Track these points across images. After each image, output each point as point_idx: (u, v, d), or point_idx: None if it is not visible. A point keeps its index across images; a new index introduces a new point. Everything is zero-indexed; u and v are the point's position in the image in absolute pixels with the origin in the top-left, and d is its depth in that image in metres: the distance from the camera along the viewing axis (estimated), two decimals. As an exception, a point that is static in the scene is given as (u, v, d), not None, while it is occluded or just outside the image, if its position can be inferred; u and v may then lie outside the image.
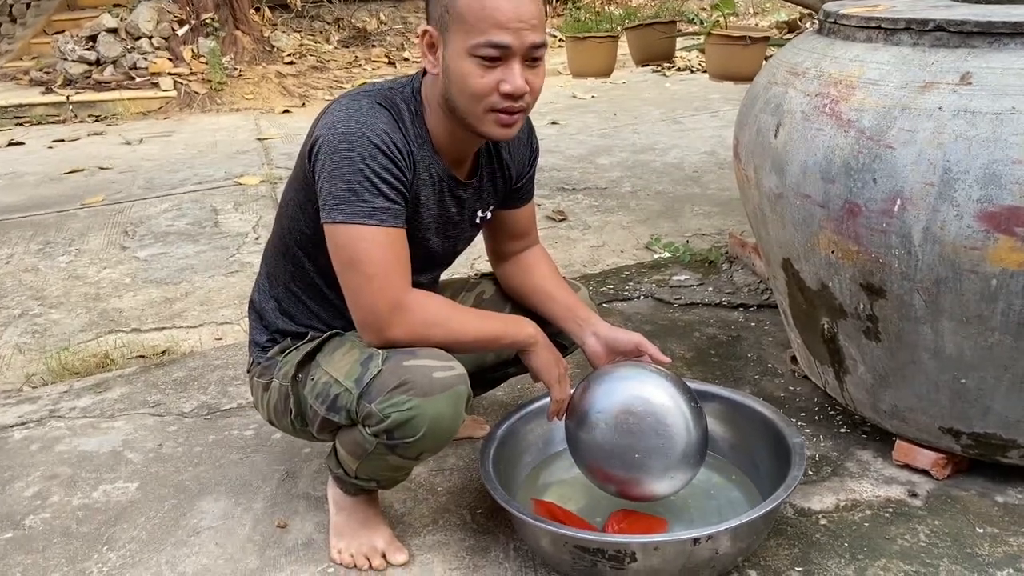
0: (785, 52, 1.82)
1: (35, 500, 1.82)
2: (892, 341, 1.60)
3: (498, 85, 1.35)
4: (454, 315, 1.46)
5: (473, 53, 1.33)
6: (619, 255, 3.15)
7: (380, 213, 1.37)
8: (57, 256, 3.50)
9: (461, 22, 1.33)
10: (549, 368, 1.55)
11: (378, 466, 1.46)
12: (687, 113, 5.56)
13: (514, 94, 1.35)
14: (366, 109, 1.39)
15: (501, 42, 1.32)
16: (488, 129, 1.40)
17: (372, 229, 1.37)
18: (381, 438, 1.39)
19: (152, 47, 7.19)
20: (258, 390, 1.62)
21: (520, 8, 1.33)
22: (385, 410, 1.36)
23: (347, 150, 1.36)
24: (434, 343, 1.42)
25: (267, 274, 1.65)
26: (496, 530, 1.63)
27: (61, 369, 2.44)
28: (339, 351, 1.48)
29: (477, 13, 1.32)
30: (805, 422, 1.95)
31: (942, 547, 1.53)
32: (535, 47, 1.35)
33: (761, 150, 1.71)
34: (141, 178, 4.71)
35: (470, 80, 1.35)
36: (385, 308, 1.38)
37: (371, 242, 1.37)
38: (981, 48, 1.45)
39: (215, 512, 1.75)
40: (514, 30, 1.32)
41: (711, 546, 1.37)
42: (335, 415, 1.43)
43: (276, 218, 1.62)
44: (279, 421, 1.59)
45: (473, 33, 1.32)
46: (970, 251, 1.40)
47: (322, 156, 1.38)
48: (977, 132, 1.38)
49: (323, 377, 1.46)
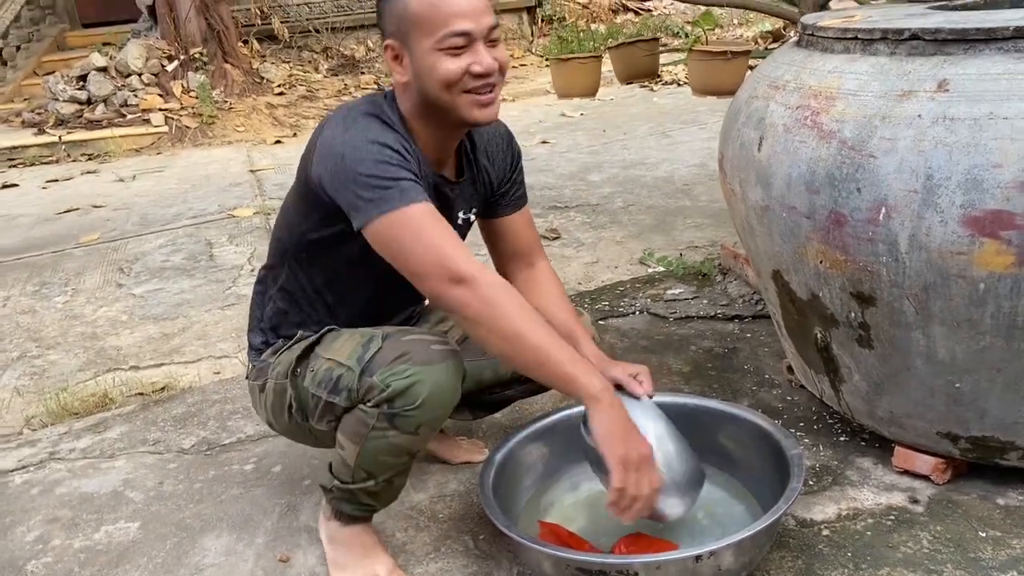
0: (765, 66, 1.84)
1: (37, 544, 1.82)
2: (885, 348, 1.60)
3: (469, 67, 1.42)
4: (525, 309, 1.40)
5: (439, 47, 1.41)
6: (613, 271, 3.16)
7: (409, 194, 1.40)
8: (53, 296, 3.50)
9: (419, 25, 1.42)
10: (612, 440, 1.36)
11: (378, 449, 1.44)
12: (675, 127, 5.59)
13: (486, 73, 1.43)
14: (360, 120, 1.46)
15: (463, 29, 1.41)
16: (469, 112, 1.46)
17: (409, 210, 1.39)
18: (382, 408, 1.40)
19: (142, 84, 7.23)
20: (255, 392, 1.68)
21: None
22: (386, 379, 1.39)
23: (355, 158, 1.41)
24: (496, 328, 1.37)
25: (263, 277, 1.70)
26: (499, 555, 1.63)
27: (60, 410, 2.44)
28: (338, 340, 1.53)
29: (433, 12, 1.41)
30: (804, 432, 1.95)
31: (945, 553, 1.53)
32: (492, 28, 1.45)
33: (745, 164, 1.72)
34: (135, 215, 4.73)
35: (441, 70, 1.42)
36: (444, 278, 1.38)
37: (416, 221, 1.39)
38: (957, 55, 1.46)
39: (217, 549, 1.74)
40: (472, 16, 1.41)
41: (713, 562, 1.37)
42: (336, 397, 1.46)
43: (276, 226, 1.67)
44: (277, 420, 1.63)
45: (435, 29, 1.41)
46: (956, 256, 1.41)
47: (332, 169, 1.43)
48: (957, 138, 1.39)
49: (324, 364, 1.51)
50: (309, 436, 1.62)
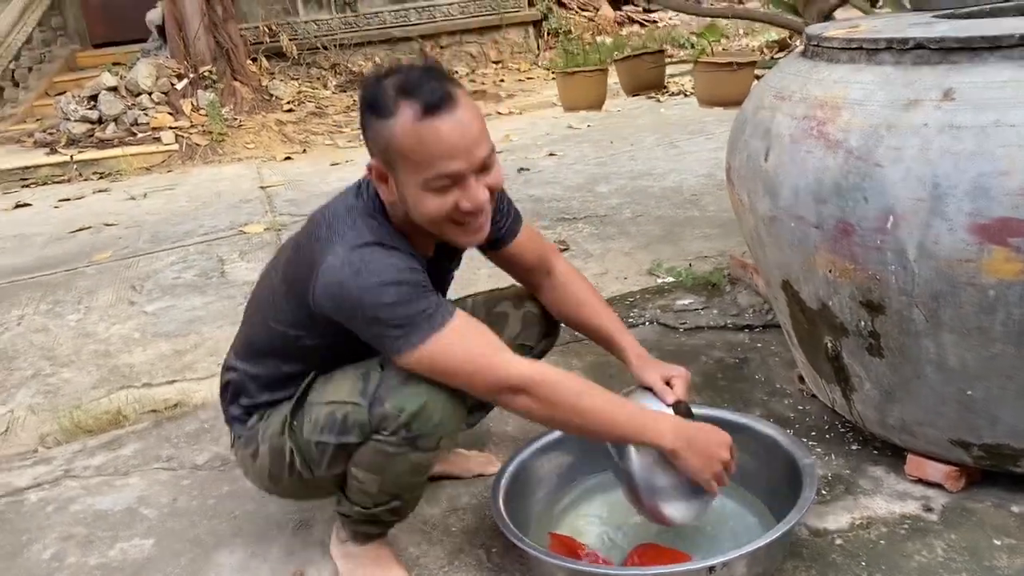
0: (771, 77, 1.85)
1: (52, 562, 1.83)
2: (895, 356, 1.60)
3: (457, 204, 1.36)
4: (583, 394, 1.41)
5: (426, 188, 1.35)
6: (622, 282, 3.16)
7: (435, 319, 1.36)
8: (67, 315, 3.53)
9: (406, 160, 1.34)
10: (700, 472, 1.44)
11: (401, 470, 1.45)
12: (683, 137, 5.60)
13: (476, 210, 1.37)
14: (366, 256, 1.37)
15: (452, 171, 1.33)
16: (456, 239, 1.43)
17: (441, 335, 1.35)
18: (400, 434, 1.40)
19: (152, 102, 7.30)
20: (247, 462, 1.60)
21: (462, 130, 1.33)
22: (399, 405, 1.39)
23: (374, 303, 1.34)
24: (561, 421, 1.43)
25: (245, 355, 1.60)
26: (512, 568, 1.63)
27: (74, 428, 2.46)
28: (330, 384, 1.48)
29: (420, 150, 1.32)
30: (816, 441, 1.94)
31: (960, 561, 1.52)
32: (485, 158, 1.36)
33: (753, 175, 1.73)
34: (147, 232, 4.76)
35: (428, 207, 1.36)
36: (501, 391, 1.38)
37: (447, 348, 1.36)
38: (962, 64, 1.47)
39: (232, 564, 1.75)
40: (463, 153, 1.33)
41: (726, 573, 1.37)
42: (347, 436, 1.43)
43: (254, 325, 1.59)
44: (277, 484, 1.58)
45: (421, 168, 1.33)
46: (965, 264, 1.41)
47: (348, 311, 1.37)
48: (963, 146, 1.40)
49: (323, 410, 1.46)
50: (312, 490, 1.59)
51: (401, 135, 1.32)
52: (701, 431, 1.46)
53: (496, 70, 9.63)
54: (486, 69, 9.65)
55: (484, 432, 2.10)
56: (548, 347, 1.85)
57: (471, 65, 9.71)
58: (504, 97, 8.29)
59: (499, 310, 1.78)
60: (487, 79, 9.26)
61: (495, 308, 1.79)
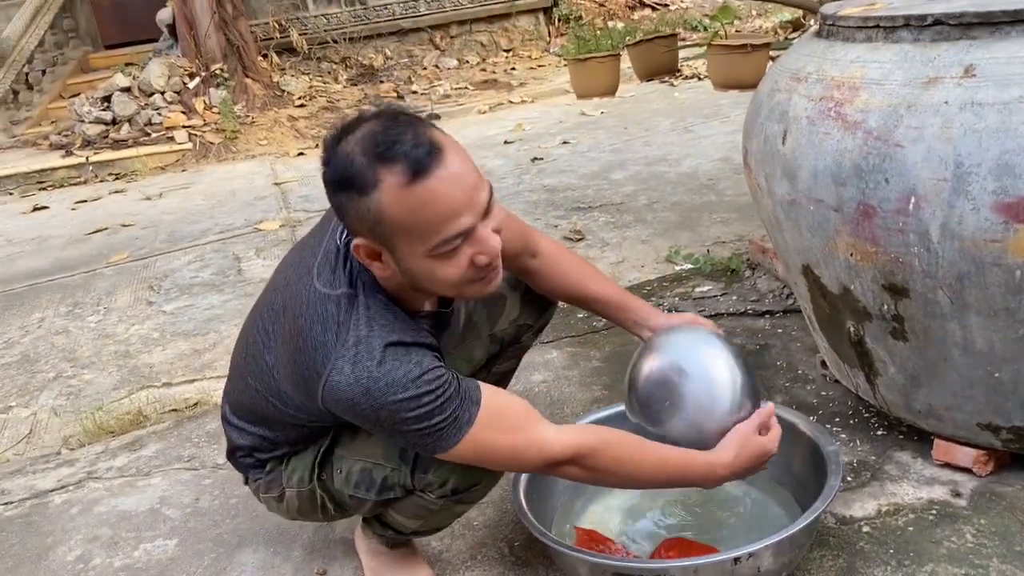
0: (786, 58, 1.82)
1: (78, 564, 1.84)
2: (920, 340, 1.57)
3: (473, 260, 1.21)
4: (627, 453, 1.37)
5: (435, 255, 1.19)
6: (640, 270, 3.14)
7: (463, 413, 1.25)
8: (86, 316, 3.55)
9: (405, 233, 1.17)
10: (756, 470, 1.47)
11: (444, 517, 1.49)
12: (698, 121, 5.55)
13: (493, 260, 1.23)
14: (373, 370, 1.22)
15: (461, 230, 1.17)
16: (476, 294, 1.30)
17: (472, 432, 1.26)
18: (448, 498, 1.40)
19: (165, 102, 7.33)
20: (270, 502, 1.54)
21: (459, 182, 1.16)
22: (442, 476, 1.37)
23: (395, 420, 1.23)
24: (611, 481, 1.44)
25: (252, 420, 1.49)
26: (535, 561, 1.62)
27: (97, 429, 2.47)
28: (360, 438, 1.42)
29: (419, 218, 1.15)
30: (840, 427, 1.92)
31: (990, 547, 1.50)
32: (488, 202, 1.21)
33: (770, 158, 1.70)
34: (163, 232, 4.78)
35: (444, 275, 1.22)
36: (548, 467, 1.34)
37: (483, 440, 1.27)
38: (983, 39, 1.43)
39: (254, 563, 1.75)
40: (468, 206, 1.17)
41: (753, 564, 1.35)
42: (389, 493, 1.42)
43: (258, 402, 1.44)
44: (308, 517, 1.55)
45: (426, 237, 1.17)
46: (991, 244, 1.38)
47: (364, 421, 1.27)
48: (986, 124, 1.36)
49: (356, 466, 1.41)
50: (345, 517, 1.59)
51: (391, 208, 1.14)
52: (749, 468, 1.44)
53: (507, 58, 9.59)
54: (497, 58, 9.60)
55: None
56: (547, 320, 1.81)
57: (482, 54, 9.67)
58: (516, 86, 8.26)
59: (497, 293, 1.75)
60: (498, 68, 9.22)
61: None
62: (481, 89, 8.31)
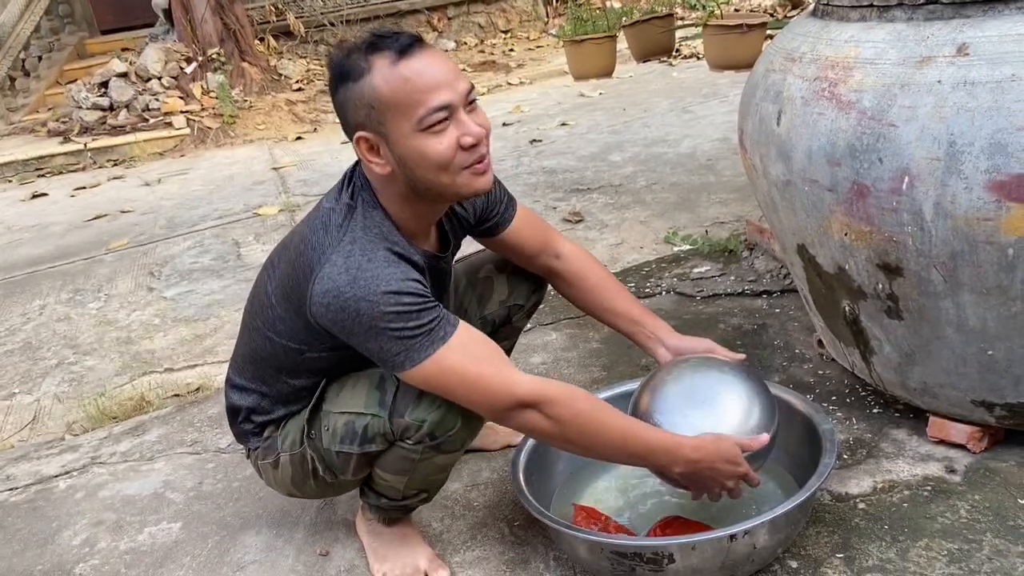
0: (781, 38, 1.82)
1: (83, 548, 1.86)
2: (914, 318, 1.58)
3: (459, 141, 1.33)
4: (592, 412, 1.38)
5: (421, 128, 1.31)
6: (638, 251, 3.15)
7: (438, 333, 1.32)
8: (87, 303, 3.56)
9: (395, 108, 1.31)
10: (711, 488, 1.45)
11: (427, 471, 1.48)
12: (696, 101, 5.54)
13: (477, 141, 1.34)
14: (363, 262, 1.32)
15: (444, 103, 1.31)
16: (469, 188, 1.38)
17: (445, 353, 1.32)
18: (425, 443, 1.42)
19: (162, 87, 7.30)
20: (268, 471, 1.59)
21: (440, 65, 1.33)
22: (419, 417, 1.39)
23: (372, 314, 1.30)
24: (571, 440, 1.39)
25: (252, 373, 1.57)
26: (535, 541, 1.64)
27: (100, 415, 2.49)
28: (344, 391, 1.47)
29: (406, 88, 1.30)
30: (836, 405, 1.93)
31: (984, 522, 1.52)
32: (468, 92, 1.35)
33: (765, 138, 1.71)
34: (162, 218, 4.79)
35: (431, 153, 1.32)
36: (510, 407, 1.35)
37: (454, 363, 1.33)
38: (976, 17, 1.43)
39: (258, 545, 1.78)
40: (449, 85, 1.32)
41: (748, 541, 1.37)
42: (370, 445, 1.44)
43: (256, 339, 1.53)
44: (301, 489, 1.58)
45: (412, 109, 1.30)
46: (983, 222, 1.39)
47: (347, 324, 1.32)
48: (979, 103, 1.37)
49: (340, 419, 1.45)
50: (336, 491, 1.61)
51: (383, 84, 1.30)
52: (713, 468, 1.41)
53: (505, 40, 9.54)
54: (495, 39, 9.56)
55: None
56: (538, 301, 1.83)
57: (479, 36, 9.63)
58: (514, 67, 8.23)
59: (483, 275, 1.76)
60: (496, 49, 9.19)
61: (478, 275, 1.77)
62: (479, 71, 8.27)
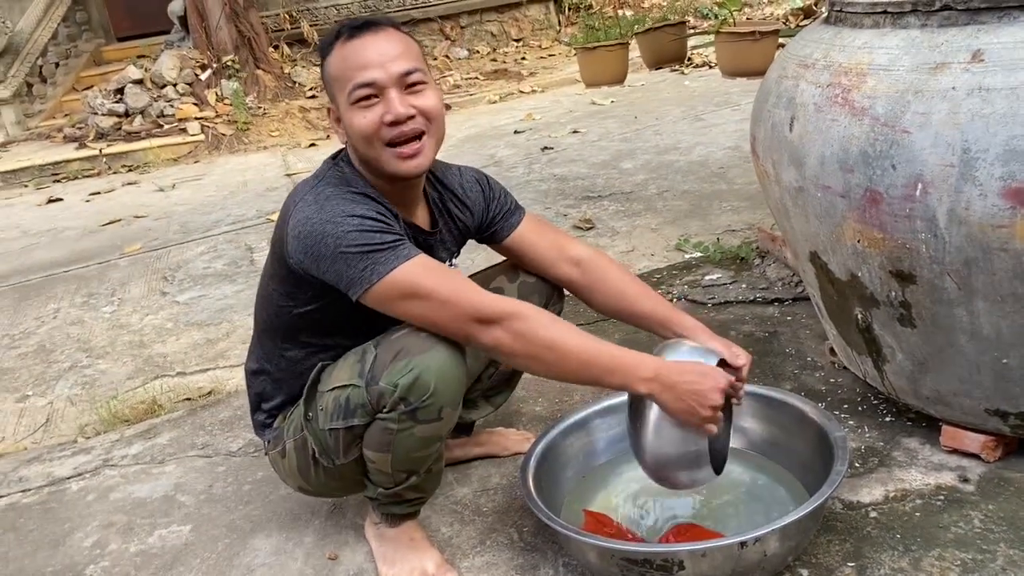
0: (794, 45, 1.81)
1: (94, 550, 1.87)
2: (927, 326, 1.57)
3: (381, 118, 1.42)
4: (555, 326, 1.41)
5: (352, 102, 1.43)
6: (650, 258, 3.14)
7: (401, 251, 1.39)
8: (101, 307, 3.59)
9: (336, 83, 1.46)
10: (685, 418, 1.39)
11: (409, 445, 1.45)
12: (708, 109, 5.54)
13: (397, 120, 1.42)
14: (331, 196, 1.44)
15: (368, 80, 1.42)
16: (393, 166, 1.46)
17: (407, 265, 1.38)
18: (399, 408, 1.40)
19: (177, 94, 7.36)
20: (278, 462, 1.64)
21: (379, 46, 1.43)
22: (392, 380, 1.39)
23: (336, 233, 1.38)
24: (534, 356, 1.40)
25: (255, 348, 1.67)
26: (544, 547, 1.64)
27: (112, 418, 2.50)
28: (334, 371, 1.51)
29: (343, 67, 1.44)
30: (848, 413, 1.92)
31: (998, 532, 1.50)
32: (407, 74, 1.44)
33: (777, 145, 1.70)
34: (176, 223, 4.82)
35: (357, 124, 1.44)
36: (472, 321, 1.38)
37: (418, 276, 1.38)
38: (991, 24, 1.43)
39: (267, 549, 1.78)
40: (378, 65, 1.42)
41: (759, 548, 1.36)
42: (353, 419, 1.45)
43: (259, 317, 1.65)
44: (308, 479, 1.60)
45: (344, 85, 1.43)
46: (998, 229, 1.38)
47: (315, 250, 1.40)
48: (993, 109, 1.36)
49: (330, 397, 1.49)
50: (341, 483, 1.60)
51: (331, 61, 1.46)
52: (688, 374, 1.39)
53: (517, 48, 9.57)
54: (507, 47, 9.59)
55: (512, 412, 2.11)
56: (557, 313, 1.79)
57: (492, 44, 9.66)
58: (526, 75, 8.25)
59: (494, 286, 1.75)
60: (508, 57, 9.21)
61: (489, 286, 1.75)
62: (491, 79, 8.30)
